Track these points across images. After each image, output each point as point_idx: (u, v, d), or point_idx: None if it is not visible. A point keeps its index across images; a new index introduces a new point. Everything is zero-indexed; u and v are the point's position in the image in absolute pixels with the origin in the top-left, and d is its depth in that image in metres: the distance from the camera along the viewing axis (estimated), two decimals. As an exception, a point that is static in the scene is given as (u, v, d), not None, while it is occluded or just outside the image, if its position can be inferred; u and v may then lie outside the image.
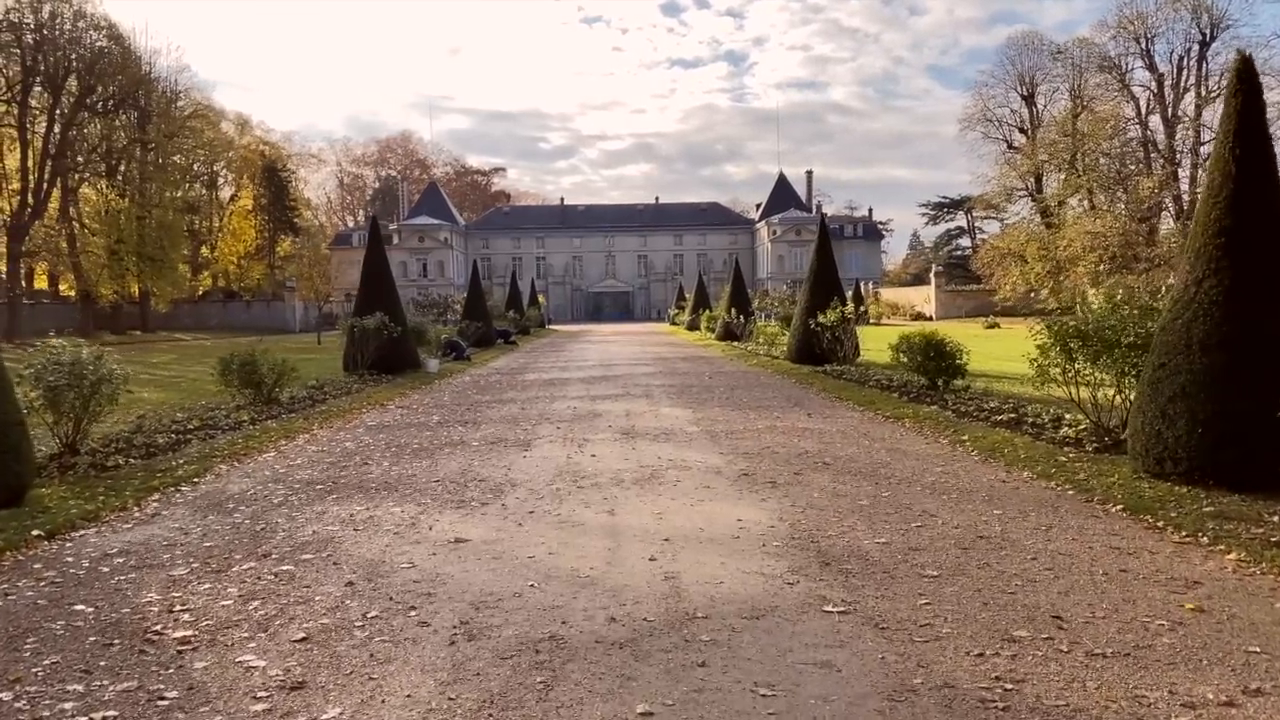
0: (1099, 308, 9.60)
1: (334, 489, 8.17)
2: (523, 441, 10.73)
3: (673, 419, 12.64)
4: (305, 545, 6.20)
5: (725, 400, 15.04)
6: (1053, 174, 62.42)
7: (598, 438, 10.91)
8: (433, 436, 11.35)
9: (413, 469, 9.07)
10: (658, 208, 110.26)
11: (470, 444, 10.62)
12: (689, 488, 7.90)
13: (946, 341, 14.71)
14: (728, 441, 10.49)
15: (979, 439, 10.05)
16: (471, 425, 12.35)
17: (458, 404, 15.27)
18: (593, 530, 6.47)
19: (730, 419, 12.53)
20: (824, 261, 21.86)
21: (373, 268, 21.60)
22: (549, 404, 14.87)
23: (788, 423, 12.05)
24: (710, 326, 42.23)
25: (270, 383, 14.72)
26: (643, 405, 14.50)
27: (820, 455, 9.48)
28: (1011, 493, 7.54)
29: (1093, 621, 4.53)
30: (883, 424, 11.88)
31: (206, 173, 74.41)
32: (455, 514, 7.05)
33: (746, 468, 8.78)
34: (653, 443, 10.47)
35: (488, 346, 34.24)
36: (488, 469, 8.96)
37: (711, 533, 6.35)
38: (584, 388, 17.75)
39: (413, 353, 21.80)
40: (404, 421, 13.01)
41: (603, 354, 30.31)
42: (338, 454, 10.17)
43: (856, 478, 8.26)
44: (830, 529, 6.40)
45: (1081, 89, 59.83)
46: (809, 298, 21.54)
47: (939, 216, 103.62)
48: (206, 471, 9.07)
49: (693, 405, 14.33)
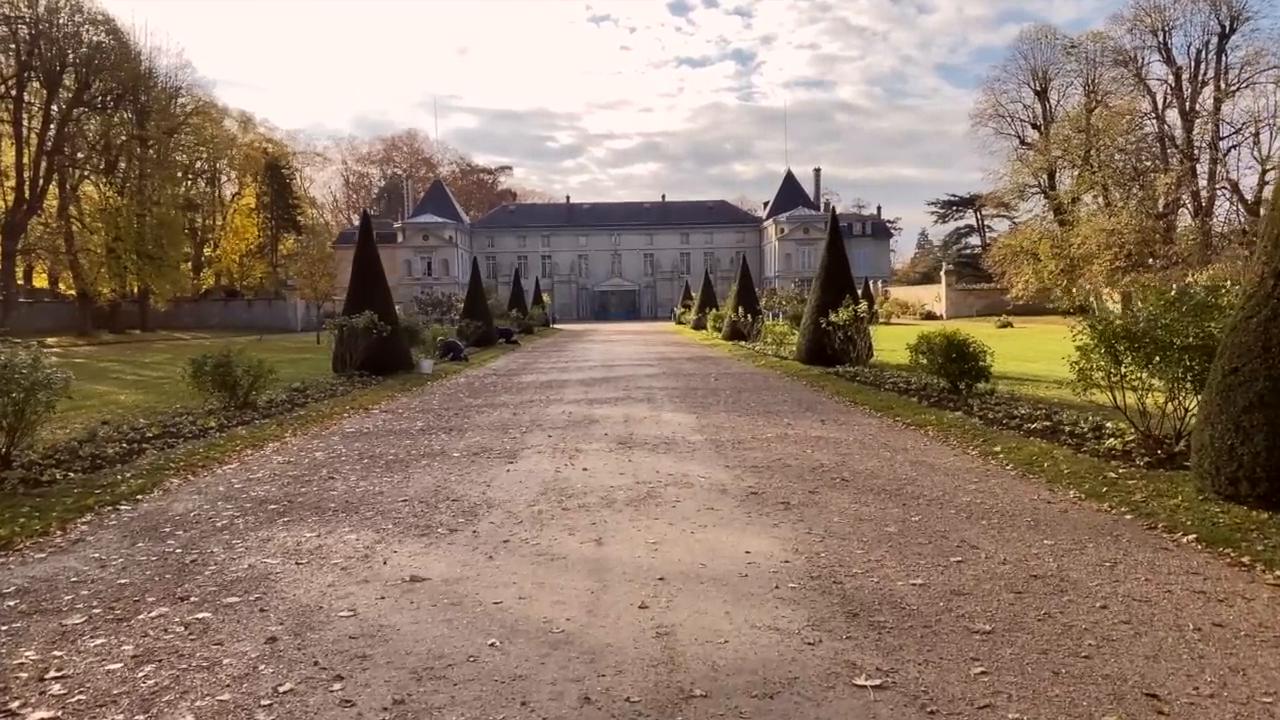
0: (1150, 305, 8.58)
1: (288, 509, 7.22)
2: (509, 452, 9.77)
3: (675, 426, 11.67)
4: (234, 584, 5.25)
5: (732, 405, 14.06)
6: (1066, 171, 61.24)
7: (591, 448, 9.94)
8: (412, 446, 10.40)
9: (381, 485, 8.11)
10: (664, 206, 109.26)
11: (451, 455, 9.66)
12: (690, 509, 6.93)
13: (969, 342, 13.71)
14: (734, 453, 9.52)
15: (1013, 451, 9.06)
16: (456, 433, 11.39)
17: (446, 408, 14.33)
18: (575, 566, 5.51)
19: (737, 426, 11.55)
20: (835, 258, 20.86)
21: (363, 264, 20.68)
22: (543, 409, 13.91)
23: (800, 431, 11.07)
24: (717, 326, 41.25)
25: (246, 385, 13.81)
26: (643, 410, 13.53)
27: (837, 469, 8.50)
28: (1060, 517, 6.55)
29: (1198, 703, 3.55)
30: (903, 432, 10.89)
31: (208, 170, 73.75)
32: (417, 543, 6.09)
33: (755, 484, 7.80)
34: (652, 454, 9.51)
35: (488, 346, 33.33)
36: (465, 486, 8.00)
37: (715, 569, 5.38)
38: (582, 390, 16.79)
39: (405, 353, 20.87)
40: (385, 428, 12.07)
41: (605, 354, 29.35)
42: (305, 466, 9.23)
43: (880, 497, 7.28)
44: (855, 564, 5.43)
45: (1096, 84, 58.61)
46: (820, 296, 20.56)
47: (947, 215, 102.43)
48: (154, 487, 8.14)
49: (697, 410, 13.36)
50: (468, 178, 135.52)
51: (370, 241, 20.92)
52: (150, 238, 52.05)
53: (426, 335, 23.12)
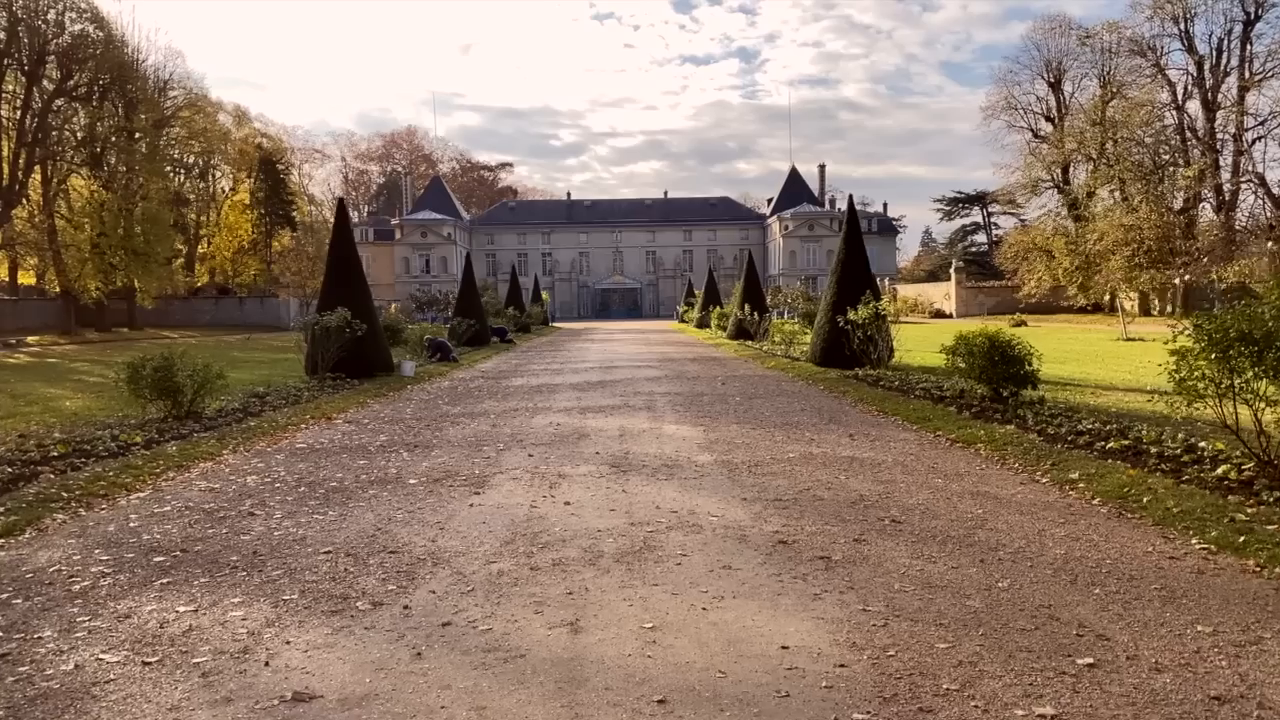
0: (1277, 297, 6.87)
1: (178, 563, 5.54)
2: (477, 479, 8.07)
3: (679, 442, 9.98)
4: (31, 705, 3.57)
5: (743, 414, 12.37)
6: (1081, 165, 59.44)
7: (578, 472, 8.25)
8: (366, 468, 8.71)
9: (308, 527, 6.43)
10: (667, 202, 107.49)
11: (407, 481, 7.97)
12: (700, 569, 5.23)
13: (1016, 343, 12.00)
14: (751, 479, 7.83)
15: (1095, 479, 7.36)
16: (421, 451, 9.70)
17: (419, 418, 12.64)
18: (538, 672, 3.82)
19: (752, 442, 9.86)
20: (853, 252, 19.16)
21: (339, 257, 18.99)
22: (528, 419, 12.22)
23: (827, 448, 9.37)
24: (721, 324, 39.55)
25: (190, 393, 12.15)
26: (642, 421, 11.84)
27: (882, 504, 6.81)
28: (1197, 582, 4.86)
29: None
30: (950, 451, 9.19)
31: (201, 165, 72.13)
32: (323, 627, 4.40)
33: (783, 528, 6.11)
34: (651, 481, 7.81)
35: (481, 346, 31.67)
36: (412, 529, 6.31)
37: (740, 680, 3.69)
38: (575, 397, 15.10)
39: (384, 355, 19.19)
40: (341, 444, 10.38)
41: (604, 354, 27.65)
42: (228, 496, 7.55)
43: (946, 548, 5.59)
44: (942, 672, 3.74)
45: (1111, 75, 56.80)
46: (836, 292, 18.85)
47: (954, 212, 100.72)
48: (27, 527, 6.47)
49: (704, 421, 11.67)
50: (468, 174, 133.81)
51: (346, 232, 19.22)
52: (137, 233, 50.44)
53: (410, 334, 21.47)
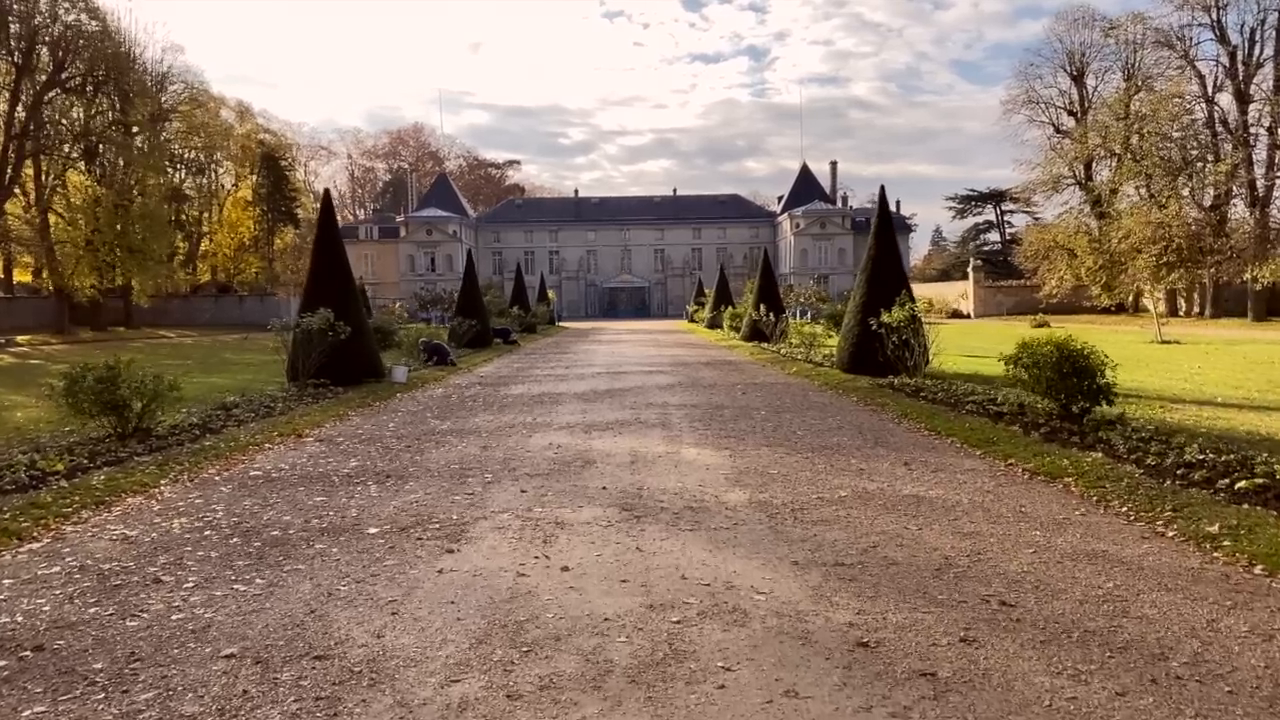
0: None
1: (15, 675, 3.96)
2: (454, 527, 6.46)
3: (702, 471, 8.37)
4: None
5: (772, 433, 10.74)
6: (1104, 161, 57.54)
7: (580, 519, 6.64)
8: (321, 508, 7.13)
9: (220, 606, 4.83)
10: (675, 200, 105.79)
11: (366, 530, 6.38)
12: (752, 698, 3.62)
13: (1089, 352, 10.36)
14: (799, 529, 6.22)
15: (1241, 534, 5.73)
16: (394, 483, 8.11)
17: (401, 435, 11.06)
18: None
19: (789, 472, 8.25)
20: (885, 248, 17.53)
21: (324, 253, 17.42)
22: (525, 439, 10.61)
23: (882, 482, 7.75)
24: (734, 325, 37.90)
25: (139, 407, 10.60)
26: (657, 441, 10.23)
27: (977, 571, 5.19)
28: None
29: None
30: (1032, 486, 7.56)
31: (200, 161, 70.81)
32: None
33: (858, 618, 4.49)
34: (672, 532, 6.21)
35: (483, 347, 30.11)
36: (355, 611, 4.71)
37: None
38: (580, 409, 13.51)
39: (373, 359, 17.61)
40: (303, 470, 8.80)
41: (612, 357, 26.04)
42: (140, 551, 5.97)
43: (1090, 654, 3.97)
44: None
45: (1137, 67, 54.93)
46: (866, 292, 17.21)
47: (966, 210, 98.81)
48: None
49: (728, 442, 10.05)
50: (475, 172, 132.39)
51: (332, 226, 17.65)
52: (133, 230, 49.07)
53: (403, 336, 19.90)
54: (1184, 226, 47.35)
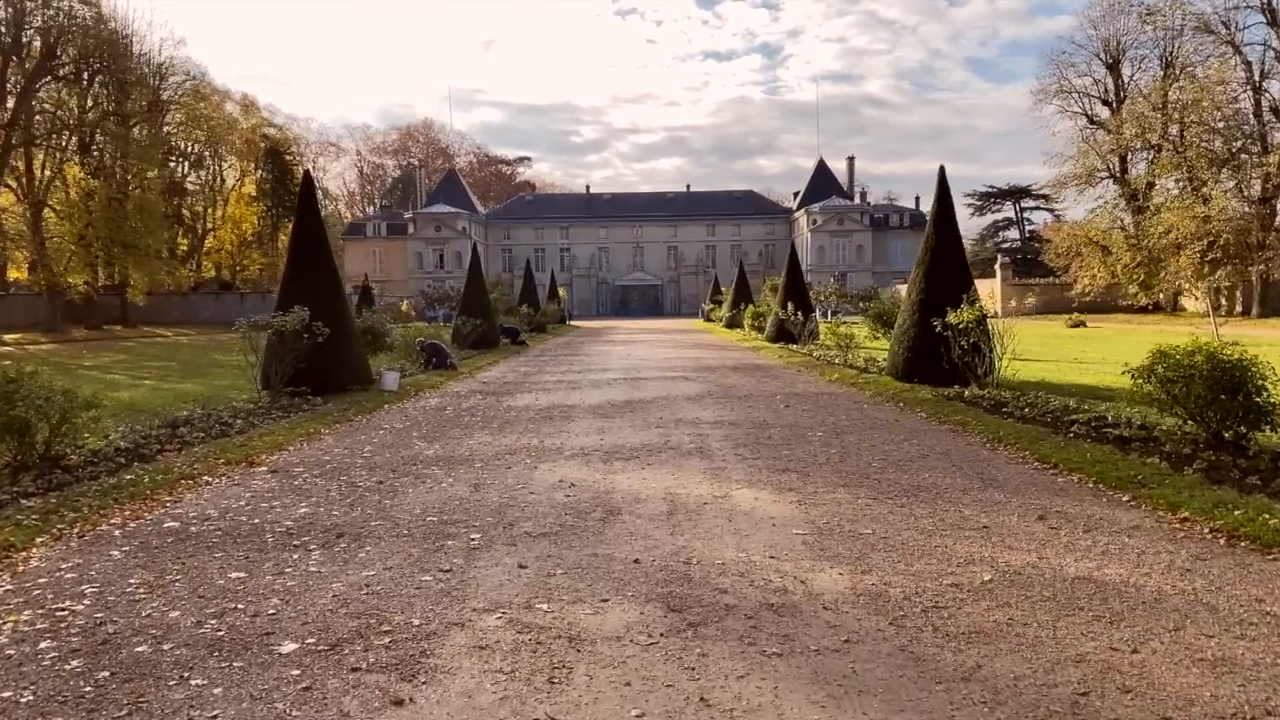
0: None
1: None
2: (412, 643, 4.22)
3: (768, 529, 6.14)
4: None
5: (840, 462, 8.50)
6: (1140, 154, 54.94)
7: (606, 627, 4.37)
8: (229, 596, 4.93)
9: None
10: (689, 196, 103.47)
11: (278, 648, 4.17)
12: None
13: (1249, 364, 8.09)
14: (950, 654, 3.98)
15: None
16: (346, 547, 5.90)
17: (374, 465, 8.87)
18: None
19: (890, 532, 6.01)
20: (945, 237, 15.23)
21: (304, 243, 15.29)
22: (528, 471, 8.40)
23: (1025, 550, 5.50)
24: (756, 324, 35.62)
25: (48, 429, 8.47)
26: (697, 476, 8.01)
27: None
28: None
29: None
30: (1244, 559, 5.30)
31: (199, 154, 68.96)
32: None
33: None
34: (750, 660, 3.97)
35: (489, 348, 27.97)
36: None
37: None
38: (597, 427, 11.30)
39: (359, 364, 15.46)
40: (231, 522, 6.62)
41: (629, 360, 23.82)
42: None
43: None
44: None
45: (1176, 55, 52.31)
46: (925, 288, 14.94)
47: (984, 207, 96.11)
48: None
49: (791, 479, 7.81)
50: (485, 169, 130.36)
51: (313, 211, 15.50)
52: (127, 224, 47.20)
53: (396, 338, 17.77)
54: (1231, 221, 44.91)
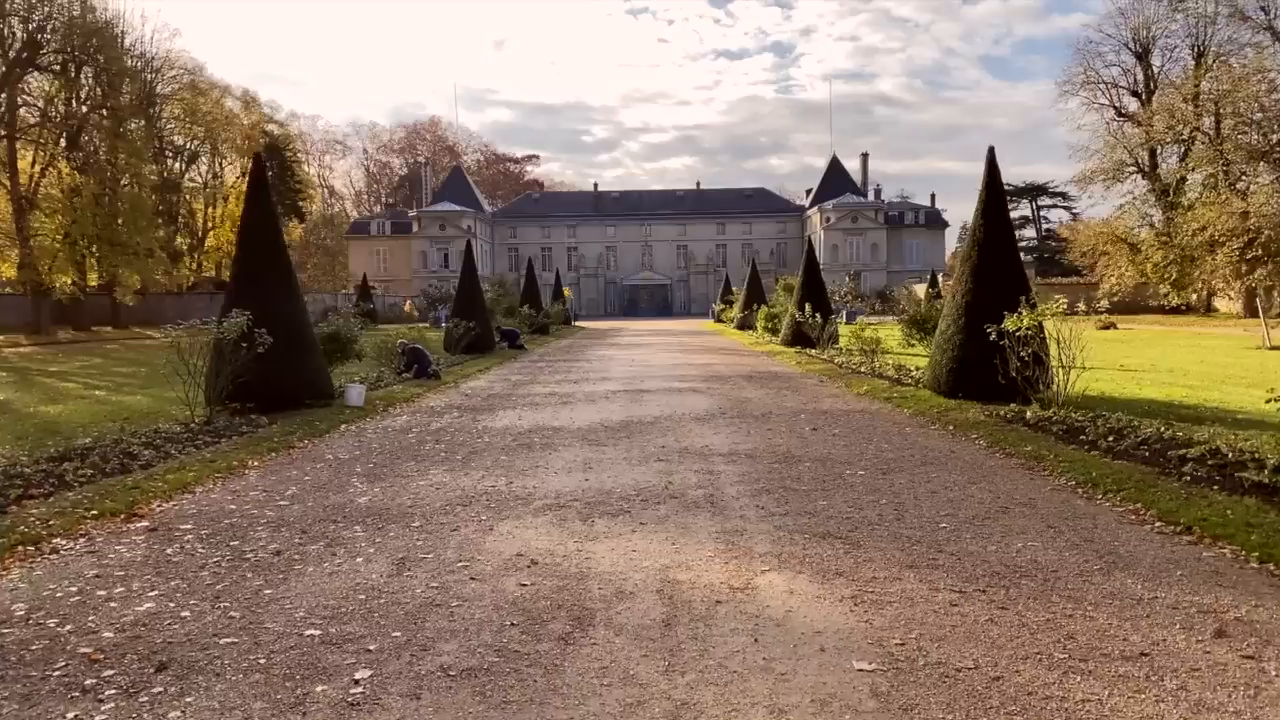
0: None
1: None
2: None
3: (814, 661, 4.02)
4: None
5: (896, 522, 6.39)
6: (1171, 147, 52.46)
7: None
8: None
9: None
10: (699, 194, 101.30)
11: None
12: None
13: None
14: None
15: None
16: (161, 695, 3.83)
17: (283, 522, 6.79)
18: None
19: (1000, 662, 3.89)
20: (997, 232, 13.08)
21: (253, 235, 13.25)
22: (480, 538, 6.29)
23: (1228, 714, 3.39)
24: (769, 326, 33.50)
25: None
26: (705, 547, 5.91)
27: None
28: None
29: None
30: None
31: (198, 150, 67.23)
32: None
33: None
34: None
35: (484, 352, 25.97)
36: None
37: None
38: (581, 461, 9.20)
39: (316, 375, 13.41)
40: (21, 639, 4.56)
41: (631, 367, 21.73)
42: None
43: None
44: None
45: (1209, 43, 49.89)
46: (972, 289, 12.80)
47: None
48: None
49: (837, 553, 5.70)
50: (493, 167, 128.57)
51: (265, 201, 13.47)
52: (115, 222, 45.35)
53: (364, 345, 15.76)
54: (1271, 217, 42.43)
